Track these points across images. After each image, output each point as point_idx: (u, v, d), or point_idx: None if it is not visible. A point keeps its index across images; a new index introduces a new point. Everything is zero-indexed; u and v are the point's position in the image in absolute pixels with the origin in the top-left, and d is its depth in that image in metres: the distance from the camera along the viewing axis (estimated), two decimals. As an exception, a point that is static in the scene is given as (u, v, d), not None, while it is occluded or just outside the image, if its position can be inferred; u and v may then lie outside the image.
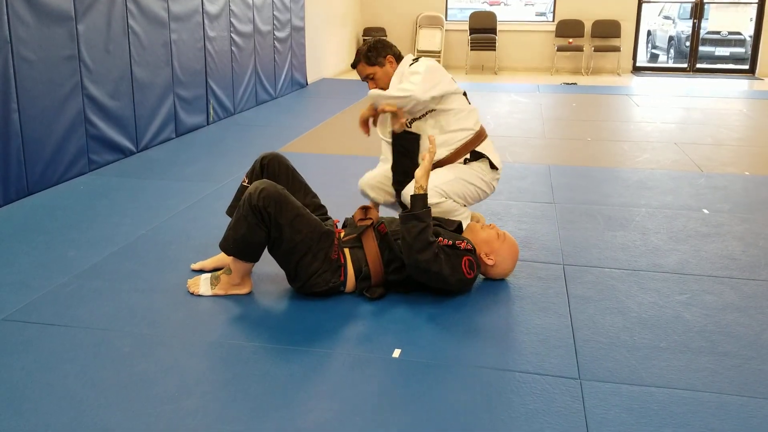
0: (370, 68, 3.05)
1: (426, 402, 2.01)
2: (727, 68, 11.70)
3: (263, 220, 2.50)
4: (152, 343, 2.33)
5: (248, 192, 2.53)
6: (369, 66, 3.05)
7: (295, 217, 2.53)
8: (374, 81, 3.05)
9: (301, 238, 2.54)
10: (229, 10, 6.52)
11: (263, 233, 2.53)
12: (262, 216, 2.49)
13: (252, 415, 1.94)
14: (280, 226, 2.51)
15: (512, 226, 3.52)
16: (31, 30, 3.91)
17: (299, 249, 2.54)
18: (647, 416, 1.95)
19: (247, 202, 2.50)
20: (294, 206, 2.55)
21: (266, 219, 2.50)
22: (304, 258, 2.56)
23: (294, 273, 2.60)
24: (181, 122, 5.70)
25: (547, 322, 2.51)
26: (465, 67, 11.39)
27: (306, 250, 2.55)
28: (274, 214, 2.49)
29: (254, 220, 2.50)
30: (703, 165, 4.92)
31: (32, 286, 2.75)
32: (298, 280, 2.61)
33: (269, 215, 2.49)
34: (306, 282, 2.59)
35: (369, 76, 3.05)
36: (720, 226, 3.59)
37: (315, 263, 2.57)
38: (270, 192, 2.50)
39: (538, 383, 2.11)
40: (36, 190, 4.01)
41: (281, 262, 2.63)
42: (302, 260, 2.56)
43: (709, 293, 2.77)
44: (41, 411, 1.94)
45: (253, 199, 2.49)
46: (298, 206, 2.57)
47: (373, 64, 3.04)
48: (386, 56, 3.04)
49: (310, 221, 2.57)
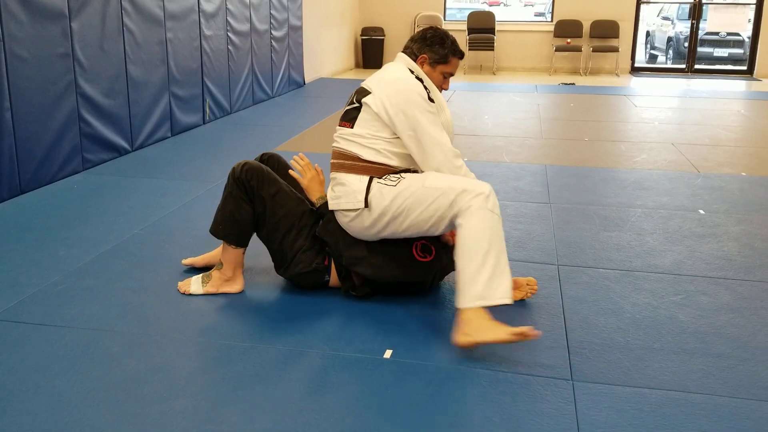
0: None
1: (417, 403, 1.99)
2: (725, 69, 11.70)
3: (247, 194, 2.55)
4: (143, 342, 2.32)
5: (232, 168, 2.59)
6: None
7: (277, 192, 2.57)
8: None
9: (284, 213, 2.57)
10: (225, 9, 6.50)
11: (248, 208, 2.56)
12: (245, 189, 2.55)
13: (242, 415, 1.92)
14: (262, 199, 2.55)
15: (508, 226, 3.50)
16: (24, 27, 3.89)
17: (282, 225, 2.57)
18: (639, 418, 1.94)
19: (230, 177, 2.58)
20: (276, 182, 2.60)
21: (249, 192, 2.55)
22: (288, 235, 2.57)
23: (280, 254, 2.61)
24: (176, 121, 5.68)
25: (541, 322, 2.50)
26: (463, 66, 11.37)
27: (290, 227, 2.57)
28: (257, 187, 2.54)
29: (239, 193, 2.55)
30: (700, 165, 4.91)
31: (23, 285, 2.73)
32: (284, 262, 2.61)
33: (252, 188, 2.54)
34: (291, 262, 2.59)
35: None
36: (716, 226, 3.58)
37: (299, 240, 2.58)
38: (252, 166, 2.57)
39: (530, 384, 2.10)
40: (29, 188, 3.99)
41: (267, 242, 2.64)
42: (286, 238, 2.58)
43: (703, 294, 2.76)
44: (29, 411, 1.92)
45: (236, 173, 2.56)
46: (280, 183, 2.61)
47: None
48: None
49: (292, 197, 2.61)
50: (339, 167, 2.54)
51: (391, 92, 2.46)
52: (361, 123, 2.50)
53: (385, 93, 2.47)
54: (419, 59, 2.57)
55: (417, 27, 11.35)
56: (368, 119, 2.49)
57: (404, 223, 2.42)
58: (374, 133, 2.48)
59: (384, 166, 2.48)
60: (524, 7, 19.22)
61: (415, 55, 2.58)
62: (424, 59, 2.57)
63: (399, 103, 2.43)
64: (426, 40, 2.57)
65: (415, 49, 2.58)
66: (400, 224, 2.43)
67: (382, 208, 2.42)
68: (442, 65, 2.58)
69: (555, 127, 6.35)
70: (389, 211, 2.42)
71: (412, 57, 2.58)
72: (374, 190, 2.44)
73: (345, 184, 2.50)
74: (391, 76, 2.53)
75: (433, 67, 2.57)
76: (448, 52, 2.57)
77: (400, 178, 2.45)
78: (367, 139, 2.49)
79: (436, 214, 2.36)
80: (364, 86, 2.57)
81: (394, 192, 2.42)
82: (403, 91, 2.45)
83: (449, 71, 2.60)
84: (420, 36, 2.59)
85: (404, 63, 2.58)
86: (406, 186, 2.42)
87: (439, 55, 2.56)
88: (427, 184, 2.39)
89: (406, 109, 2.42)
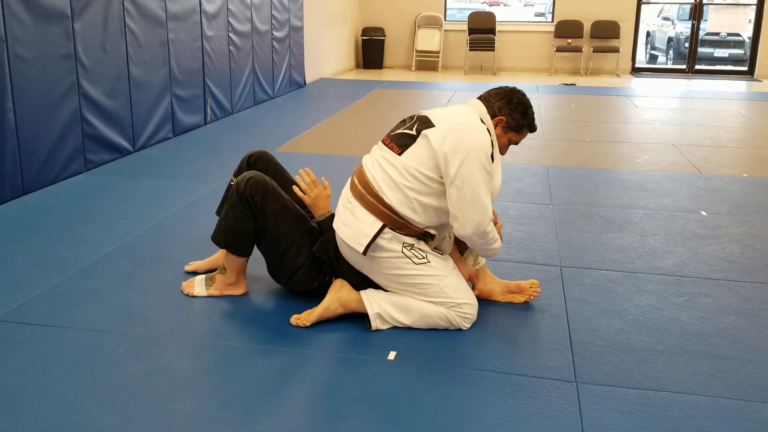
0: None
1: (421, 404, 1.99)
2: (725, 69, 11.70)
3: (251, 209, 2.52)
4: (146, 344, 2.32)
5: (236, 181, 2.56)
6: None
7: (281, 209, 2.53)
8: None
9: (286, 230, 2.53)
10: (227, 10, 6.50)
11: (251, 223, 2.53)
12: (249, 204, 2.51)
13: (246, 417, 1.93)
14: (265, 215, 2.52)
15: (510, 227, 3.51)
16: (27, 28, 3.89)
17: (283, 242, 2.54)
18: (644, 420, 1.94)
19: (235, 191, 2.53)
20: (281, 198, 2.55)
21: (253, 208, 2.52)
22: (288, 253, 2.54)
23: (278, 268, 2.59)
24: (178, 122, 5.68)
25: (544, 324, 2.50)
26: (464, 67, 11.38)
27: (290, 245, 2.54)
28: (261, 203, 2.51)
29: (242, 209, 2.52)
30: (702, 166, 4.91)
31: (26, 287, 2.74)
32: (282, 276, 2.60)
33: (256, 204, 2.51)
34: (290, 279, 2.58)
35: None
36: (718, 228, 3.58)
37: (299, 259, 2.55)
38: (257, 180, 2.52)
39: (534, 386, 2.10)
40: (31, 189, 3.99)
41: (266, 255, 2.62)
42: (285, 255, 2.55)
43: (706, 296, 2.76)
44: (34, 412, 1.93)
45: (240, 188, 2.51)
46: (285, 199, 2.57)
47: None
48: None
49: (294, 215, 2.56)
50: (359, 196, 2.41)
51: (459, 135, 2.32)
52: (412, 154, 2.35)
53: (452, 133, 2.32)
54: (496, 118, 2.44)
55: (417, 27, 11.36)
56: (421, 152, 2.34)
57: (394, 288, 2.44)
58: (419, 168, 2.33)
59: (404, 220, 2.36)
60: (524, 7, 19.23)
61: (494, 112, 2.45)
62: (500, 120, 2.44)
63: (462, 148, 2.29)
64: (511, 104, 2.45)
65: (496, 107, 2.45)
66: (388, 286, 2.45)
67: (387, 264, 2.38)
68: (515, 133, 2.48)
69: (556, 128, 6.35)
70: (391, 274, 2.40)
71: (489, 111, 2.45)
72: (384, 242, 2.36)
73: (356, 218, 2.39)
74: (463, 120, 2.38)
75: (505, 131, 2.47)
76: (526, 125, 2.49)
77: (426, 260, 2.39)
78: (405, 176, 2.34)
79: (427, 299, 2.43)
80: (427, 116, 2.42)
81: (413, 269, 2.38)
82: (471, 138, 2.32)
83: (516, 141, 2.51)
84: (506, 96, 2.47)
85: (477, 111, 2.44)
86: (426, 272, 2.39)
87: (517, 123, 2.46)
88: (443, 284, 2.39)
89: (466, 157, 2.28)
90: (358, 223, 2.38)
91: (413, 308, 2.41)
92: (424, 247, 2.43)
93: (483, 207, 2.33)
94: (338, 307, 2.44)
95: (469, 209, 2.31)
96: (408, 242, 2.39)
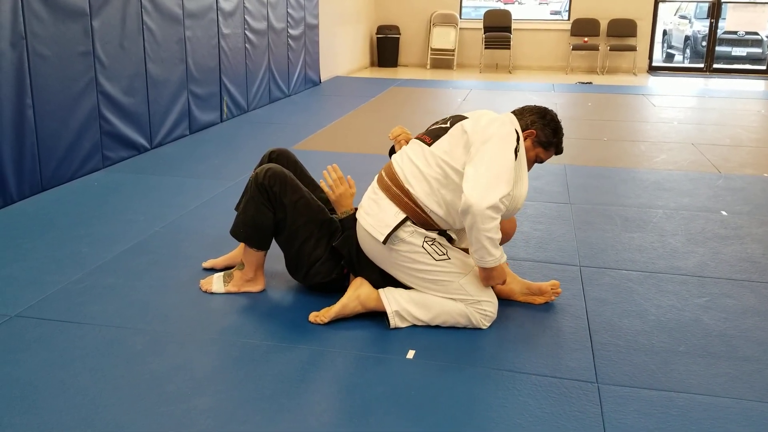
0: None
1: (441, 404, 1.98)
2: (743, 68, 11.59)
3: (269, 200, 2.53)
4: (165, 340, 2.32)
5: (255, 172, 2.57)
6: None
7: (299, 199, 2.54)
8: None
9: (304, 221, 2.54)
10: (243, 8, 6.51)
11: (270, 214, 2.54)
12: (267, 195, 2.52)
13: (265, 415, 1.92)
14: (283, 206, 2.53)
15: (528, 226, 3.48)
16: (46, 26, 3.90)
17: (301, 233, 2.54)
18: (666, 422, 1.91)
19: (253, 182, 2.54)
20: (299, 189, 2.56)
21: (272, 198, 2.52)
22: (306, 243, 2.54)
23: (296, 260, 2.58)
24: (194, 119, 5.70)
25: (564, 324, 2.48)
26: (479, 65, 11.34)
27: (308, 235, 2.54)
28: (279, 193, 2.51)
29: (260, 199, 2.53)
30: (721, 166, 4.86)
31: (45, 283, 2.75)
32: (300, 269, 2.59)
33: (275, 194, 2.52)
34: (308, 271, 2.57)
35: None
36: (739, 228, 3.54)
37: (317, 250, 2.55)
38: (276, 172, 2.54)
39: (555, 386, 2.08)
40: (50, 186, 4.01)
41: (284, 248, 2.61)
42: (304, 246, 2.55)
43: (728, 296, 2.73)
44: (54, 408, 1.93)
45: (259, 178, 2.53)
46: (303, 191, 2.57)
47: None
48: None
49: (313, 207, 2.57)
50: (385, 188, 2.44)
51: (489, 121, 2.38)
52: (442, 143, 2.39)
53: (483, 119, 2.40)
54: (528, 131, 2.47)
55: (433, 26, 11.32)
56: (451, 140, 2.38)
57: (414, 283, 2.43)
58: (445, 159, 2.35)
59: (425, 215, 2.37)
60: (539, 5, 19.12)
61: (526, 125, 2.48)
62: (531, 134, 2.47)
63: (489, 129, 2.34)
64: (544, 119, 2.49)
65: (529, 120, 2.49)
66: (408, 281, 2.44)
67: (406, 258, 2.38)
68: (542, 149, 2.51)
69: (573, 127, 6.30)
70: (411, 268, 2.39)
71: (521, 124, 2.48)
72: (406, 235, 2.36)
73: (379, 208, 2.41)
74: (497, 117, 2.43)
75: (534, 145, 2.49)
76: (554, 144, 2.52)
77: (446, 257, 2.39)
78: (432, 166, 2.36)
79: (447, 296, 2.41)
80: (462, 114, 2.50)
81: (433, 265, 2.37)
82: (500, 126, 2.36)
83: (543, 159, 2.54)
84: (540, 112, 2.51)
85: (510, 120, 2.46)
86: (446, 269, 2.38)
87: (547, 140, 2.49)
88: (463, 281, 2.38)
89: (492, 136, 2.31)
90: (381, 213, 2.40)
91: (433, 305, 2.40)
92: (445, 243, 2.42)
93: (498, 182, 2.23)
94: (357, 305, 2.43)
95: (483, 176, 2.23)
96: (430, 236, 2.38)
